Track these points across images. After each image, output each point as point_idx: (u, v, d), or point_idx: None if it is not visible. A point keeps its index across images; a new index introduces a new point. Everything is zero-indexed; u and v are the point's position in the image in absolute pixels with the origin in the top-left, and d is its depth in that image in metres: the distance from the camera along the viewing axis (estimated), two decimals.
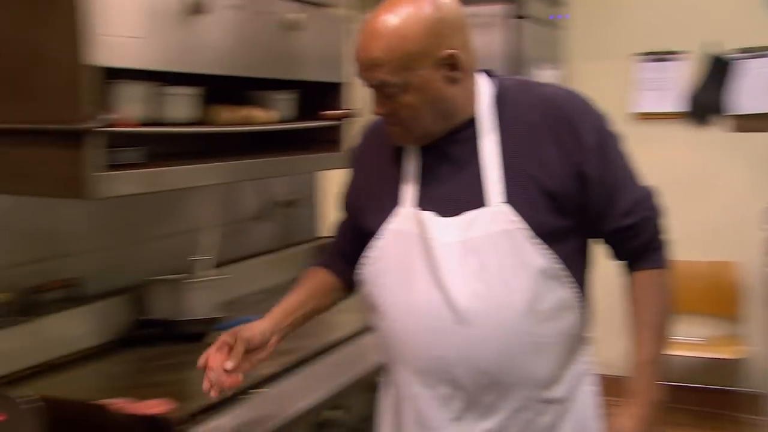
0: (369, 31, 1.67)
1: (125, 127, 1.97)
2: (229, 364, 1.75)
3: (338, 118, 2.86)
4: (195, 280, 2.55)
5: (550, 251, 1.68)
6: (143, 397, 1.93)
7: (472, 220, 1.70)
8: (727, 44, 4.59)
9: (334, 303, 2.02)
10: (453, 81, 1.68)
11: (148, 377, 2.22)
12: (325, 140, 2.90)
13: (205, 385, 1.74)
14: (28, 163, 1.96)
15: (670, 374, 1.77)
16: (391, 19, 1.64)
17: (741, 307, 4.77)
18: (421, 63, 1.64)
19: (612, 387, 1.94)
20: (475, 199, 1.71)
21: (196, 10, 2.11)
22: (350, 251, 1.90)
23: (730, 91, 4.62)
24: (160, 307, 2.53)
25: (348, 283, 1.96)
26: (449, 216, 1.71)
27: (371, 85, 1.70)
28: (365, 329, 2.57)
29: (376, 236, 1.79)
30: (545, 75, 4.19)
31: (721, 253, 4.76)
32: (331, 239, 2.05)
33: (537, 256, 1.67)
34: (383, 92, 1.69)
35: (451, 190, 1.75)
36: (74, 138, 1.87)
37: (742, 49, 4.61)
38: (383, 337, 1.82)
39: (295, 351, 2.32)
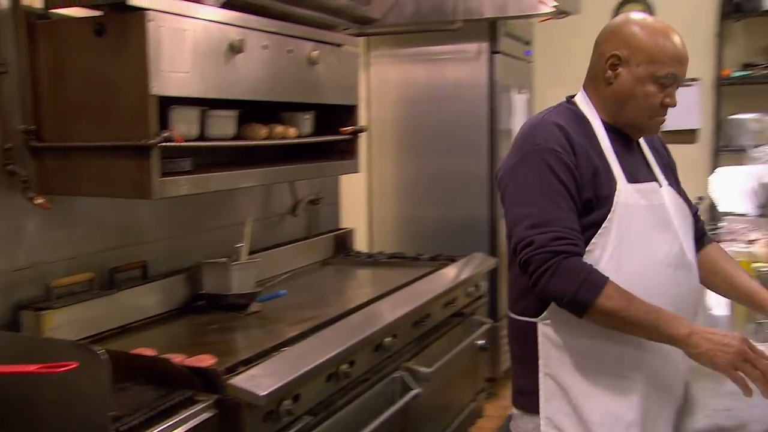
0: (672, 32, 1.63)
1: (180, 142, 2.00)
2: None
3: (353, 132, 2.89)
4: (238, 262, 2.55)
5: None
6: (196, 353, 1.95)
7: (668, 190, 1.73)
8: None
9: None
10: None
11: (201, 338, 2.23)
12: (343, 150, 2.92)
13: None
14: (107, 172, 1.99)
15: None
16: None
17: None
18: None
19: None
20: (650, 177, 1.73)
21: (234, 50, 2.14)
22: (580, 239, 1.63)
23: None
24: (211, 284, 2.54)
25: None
26: None
27: (677, 79, 1.63)
28: (371, 301, 2.60)
29: (611, 209, 1.60)
30: (517, 99, 4.19)
31: None
32: (563, 237, 1.55)
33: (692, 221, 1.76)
34: (677, 86, 1.65)
35: (638, 168, 1.71)
36: (142, 152, 1.91)
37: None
38: None
39: (315, 318, 2.35)
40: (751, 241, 3.02)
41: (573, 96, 1.77)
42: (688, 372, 1.73)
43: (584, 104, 1.73)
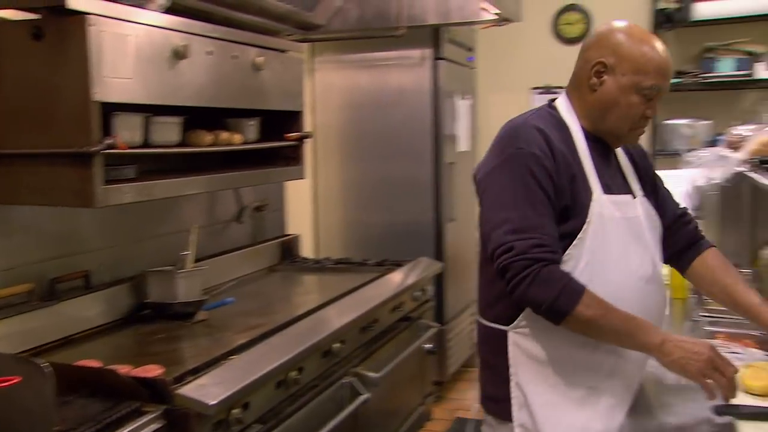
0: (658, 43, 1.61)
1: (124, 149, 1.96)
2: None
3: (298, 138, 2.88)
4: (184, 270, 2.51)
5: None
6: (142, 363, 1.91)
7: (642, 202, 1.71)
8: None
9: None
10: None
11: (147, 348, 2.18)
12: (288, 156, 2.91)
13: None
14: (47, 180, 1.94)
15: None
16: None
17: None
18: None
19: None
20: (625, 188, 1.71)
21: (178, 56, 2.11)
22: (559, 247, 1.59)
23: None
24: (156, 293, 2.49)
25: None
26: None
27: (660, 91, 1.62)
28: (319, 307, 2.59)
29: (586, 220, 1.59)
30: (461, 104, 4.23)
31: None
32: (543, 245, 1.53)
33: (661, 232, 1.75)
34: (660, 98, 1.63)
35: (613, 179, 1.69)
36: (84, 159, 1.87)
37: None
38: None
39: (262, 325, 2.33)
40: None
41: (554, 100, 1.76)
42: None
43: (565, 110, 1.71)
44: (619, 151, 1.78)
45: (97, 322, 2.36)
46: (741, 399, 1.67)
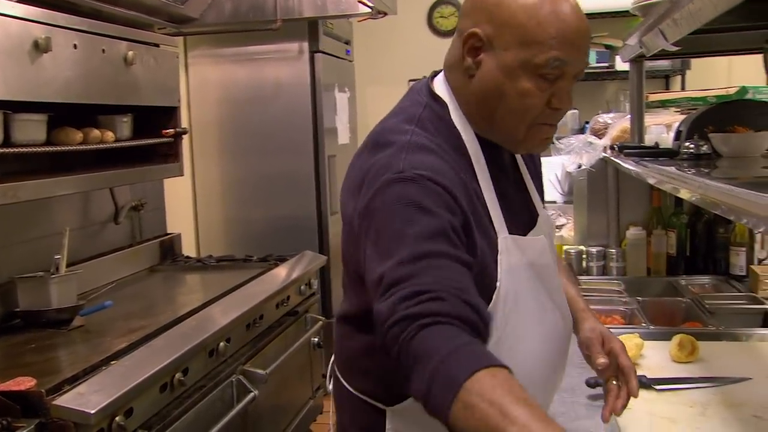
0: (576, 8, 1.09)
1: None
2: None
3: (174, 135, 2.79)
4: (57, 275, 2.36)
5: None
6: (12, 376, 1.77)
7: (547, 240, 1.26)
8: None
9: None
10: None
11: (17, 360, 2.03)
12: (165, 154, 2.82)
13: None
14: None
15: None
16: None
17: None
18: None
19: None
20: (532, 212, 1.28)
21: (40, 49, 1.99)
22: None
23: None
24: (27, 300, 2.33)
25: None
26: (525, 233, 1.21)
27: (567, 67, 1.10)
28: (202, 306, 2.52)
29: (496, 285, 1.14)
30: (339, 97, 4.23)
31: None
32: (417, 292, 0.99)
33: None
34: (570, 78, 1.12)
35: (513, 201, 1.22)
36: None
37: None
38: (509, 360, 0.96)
39: (144, 328, 2.24)
40: (559, 227, 3.25)
41: (434, 76, 1.26)
42: None
43: (452, 107, 1.20)
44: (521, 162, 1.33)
45: None
46: None
